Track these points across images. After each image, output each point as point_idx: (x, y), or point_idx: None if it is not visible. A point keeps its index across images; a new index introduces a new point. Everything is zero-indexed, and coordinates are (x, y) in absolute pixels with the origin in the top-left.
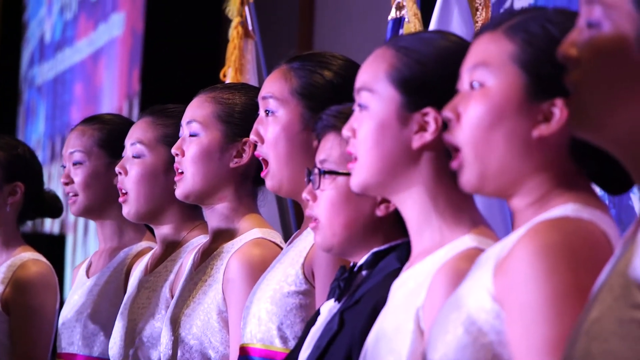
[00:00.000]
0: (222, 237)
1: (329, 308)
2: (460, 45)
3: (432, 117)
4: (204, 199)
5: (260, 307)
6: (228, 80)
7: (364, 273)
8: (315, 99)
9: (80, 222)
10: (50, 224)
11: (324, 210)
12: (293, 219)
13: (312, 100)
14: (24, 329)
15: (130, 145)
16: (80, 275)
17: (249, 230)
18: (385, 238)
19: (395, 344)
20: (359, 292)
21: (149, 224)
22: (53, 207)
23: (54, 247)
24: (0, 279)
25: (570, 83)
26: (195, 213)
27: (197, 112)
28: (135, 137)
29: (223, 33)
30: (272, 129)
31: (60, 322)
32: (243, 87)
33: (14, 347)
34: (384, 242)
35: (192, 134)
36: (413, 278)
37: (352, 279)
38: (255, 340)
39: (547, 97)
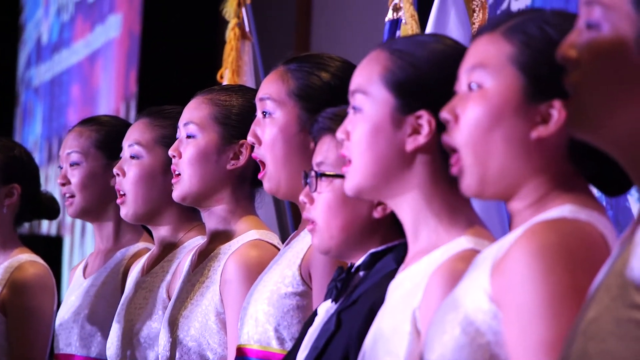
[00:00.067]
0: (219, 238)
1: (327, 309)
2: (455, 49)
3: (425, 120)
4: (201, 201)
5: (258, 308)
6: (225, 82)
7: (362, 274)
8: (313, 101)
9: (78, 223)
10: (48, 226)
11: (321, 213)
12: (290, 220)
13: (309, 102)
14: (22, 331)
15: (128, 147)
16: (77, 276)
17: (246, 232)
18: (383, 239)
19: (393, 345)
20: (356, 292)
21: (147, 225)
22: (50, 208)
23: (51, 248)
24: None
25: (570, 84)
26: (193, 214)
27: (194, 113)
28: (133, 138)
29: (220, 34)
30: (269, 131)
31: (58, 322)
32: (240, 88)
33: (12, 348)
34: (382, 243)
35: (189, 136)
36: (409, 279)
37: (349, 280)
38: (252, 342)
39: (545, 98)
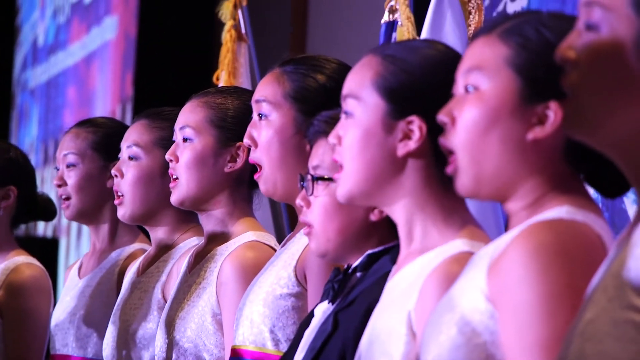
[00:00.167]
0: (216, 240)
1: (323, 310)
2: (447, 55)
3: (416, 125)
4: (200, 205)
5: (253, 309)
6: (221, 84)
7: (359, 275)
8: (308, 103)
9: (74, 225)
10: (44, 227)
11: (318, 217)
12: (286, 222)
13: (305, 104)
14: (18, 333)
15: (127, 148)
16: (72, 276)
17: (243, 234)
18: (380, 241)
19: (389, 347)
20: (353, 293)
21: (144, 226)
22: (46, 210)
23: (47, 250)
24: None
25: (568, 85)
26: (190, 216)
27: (189, 117)
28: (132, 139)
29: (216, 36)
30: (265, 133)
31: (53, 323)
32: (236, 90)
33: (8, 350)
34: (378, 245)
35: (185, 139)
36: (404, 279)
37: (346, 281)
38: (248, 343)
39: (541, 100)
